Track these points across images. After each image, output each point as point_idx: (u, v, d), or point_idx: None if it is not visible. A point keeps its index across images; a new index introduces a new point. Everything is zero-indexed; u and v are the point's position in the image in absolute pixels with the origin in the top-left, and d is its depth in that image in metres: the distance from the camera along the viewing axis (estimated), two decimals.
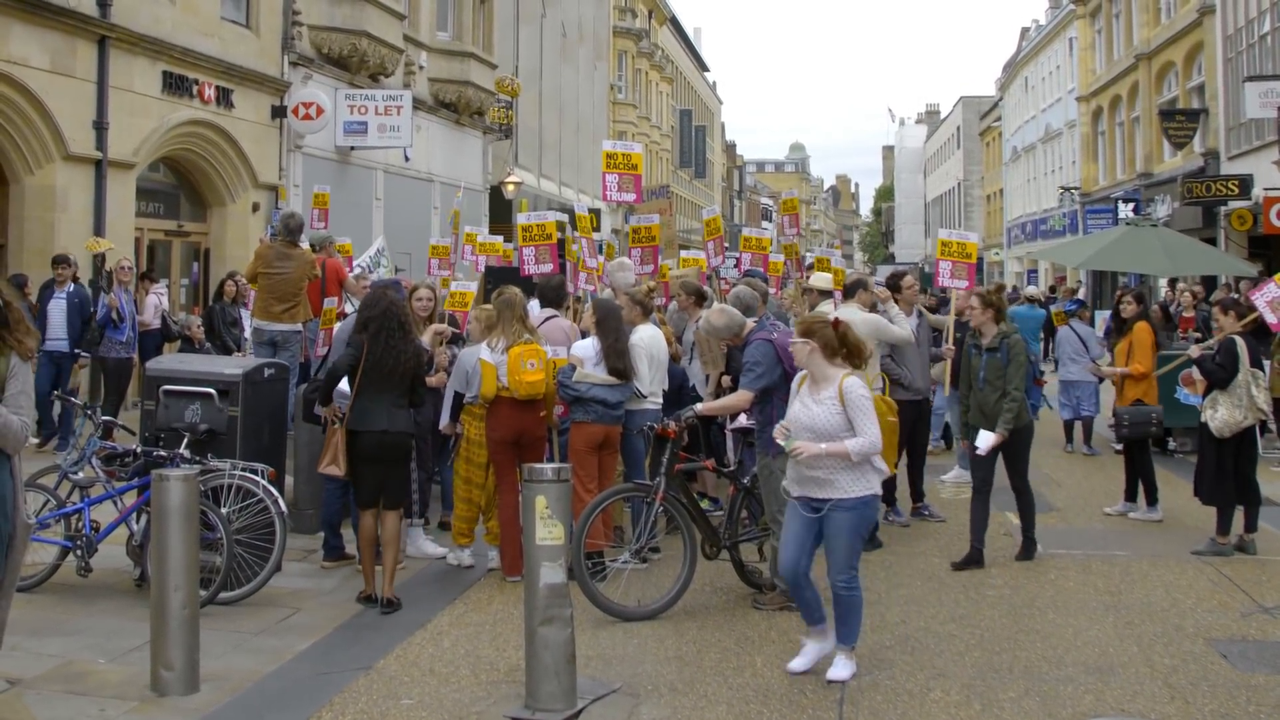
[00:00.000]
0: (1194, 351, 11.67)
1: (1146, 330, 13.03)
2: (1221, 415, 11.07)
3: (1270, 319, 11.84)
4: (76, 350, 15.49)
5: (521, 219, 14.13)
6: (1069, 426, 18.04)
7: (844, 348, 7.82)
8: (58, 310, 15.33)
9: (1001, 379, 10.69)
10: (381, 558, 9.28)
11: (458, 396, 10.42)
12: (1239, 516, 11.34)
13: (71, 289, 15.45)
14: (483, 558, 10.56)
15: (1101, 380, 16.12)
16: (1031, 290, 27.10)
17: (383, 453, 9.21)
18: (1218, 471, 11.23)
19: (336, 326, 11.43)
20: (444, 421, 10.63)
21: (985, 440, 10.67)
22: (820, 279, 13.29)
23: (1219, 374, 11.18)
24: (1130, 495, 13.07)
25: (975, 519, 10.80)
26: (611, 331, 10.13)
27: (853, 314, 11.49)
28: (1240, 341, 11.30)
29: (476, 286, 13.94)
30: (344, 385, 9.51)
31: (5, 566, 6.44)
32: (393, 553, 9.32)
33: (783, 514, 9.13)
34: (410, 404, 9.42)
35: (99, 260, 16.64)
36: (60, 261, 15.46)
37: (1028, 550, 11.03)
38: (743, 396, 9.25)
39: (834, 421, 7.59)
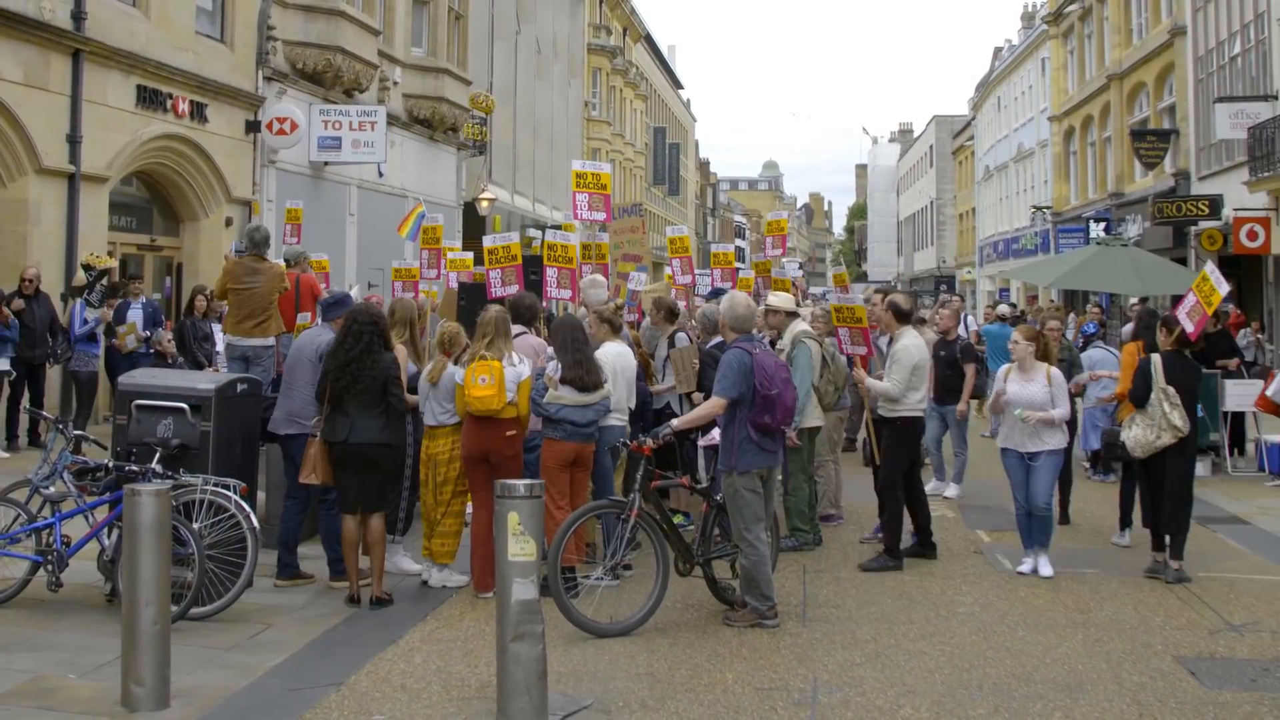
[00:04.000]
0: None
1: (1131, 353, 12.96)
2: (1135, 434, 11.03)
3: (1188, 327, 11.78)
4: None
5: (487, 241, 14.15)
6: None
7: None
8: None
9: None
10: (370, 559, 9.75)
11: None
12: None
13: None
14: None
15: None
16: (1004, 309, 27.28)
17: (349, 461, 9.59)
18: (1161, 495, 11.16)
19: (291, 345, 11.44)
20: None
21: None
22: (781, 299, 13.18)
23: (1133, 394, 11.24)
24: (1125, 522, 12.58)
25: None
26: (562, 343, 10.11)
27: (915, 338, 11.66)
28: (1156, 359, 11.22)
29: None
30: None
31: None
32: (379, 552, 9.74)
33: (749, 531, 9.18)
34: (386, 413, 9.73)
35: (94, 272, 16.54)
36: None
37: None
38: (715, 404, 9.28)
39: None
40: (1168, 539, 11.09)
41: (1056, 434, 11.04)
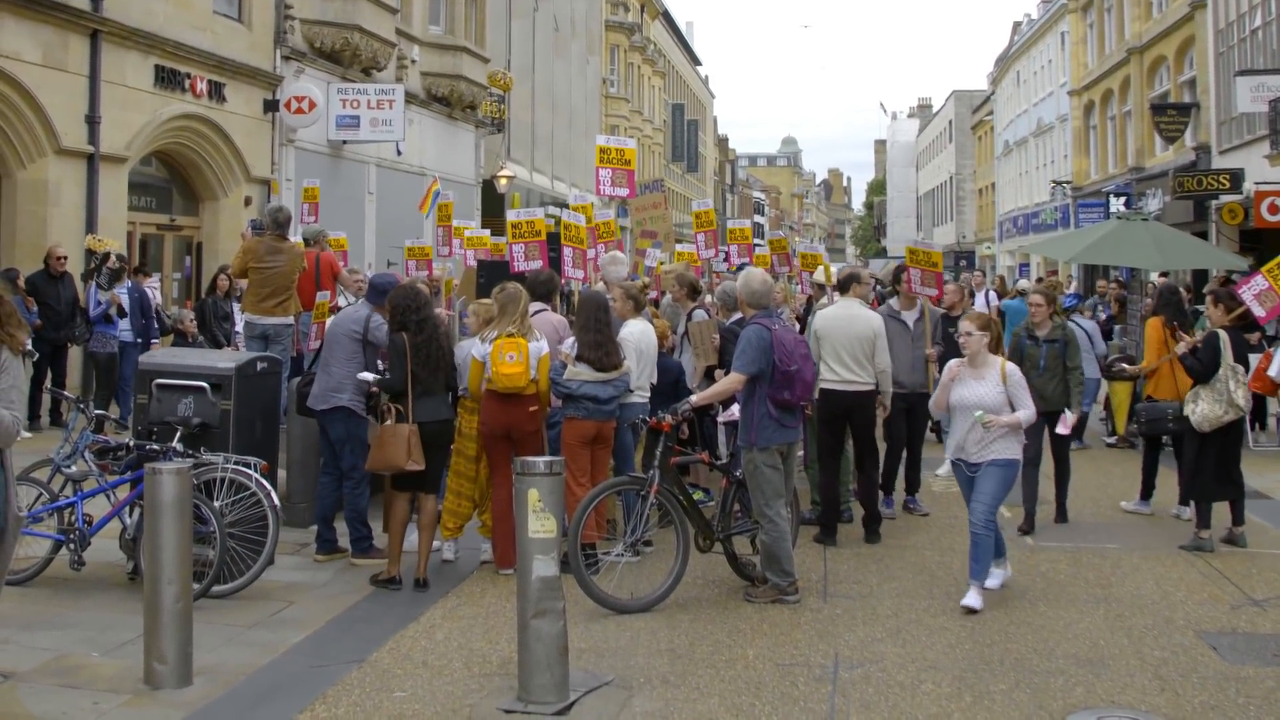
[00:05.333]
0: (1180, 348, 11.64)
1: (1154, 327, 12.85)
2: (1202, 409, 11.04)
3: (1258, 312, 11.81)
4: None
5: (511, 215, 14.16)
6: None
7: None
8: None
9: (1061, 366, 11.81)
10: (419, 540, 9.80)
11: None
12: (1222, 510, 11.35)
13: None
14: (477, 550, 10.57)
15: (1111, 377, 15.99)
16: (1024, 284, 27.15)
17: (440, 440, 9.80)
18: (1197, 466, 11.22)
19: (329, 321, 11.43)
20: None
21: (1066, 421, 11.73)
22: (823, 274, 13.33)
23: (1198, 369, 11.15)
24: (1147, 492, 12.83)
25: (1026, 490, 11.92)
26: (584, 321, 10.11)
27: (856, 310, 11.54)
28: (1224, 335, 11.23)
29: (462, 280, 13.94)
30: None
31: None
32: (429, 536, 9.80)
33: (770, 507, 9.18)
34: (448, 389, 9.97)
35: (97, 256, 16.62)
36: None
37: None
38: (734, 379, 9.28)
39: None
40: (1205, 509, 11.33)
41: (1009, 442, 9.33)
